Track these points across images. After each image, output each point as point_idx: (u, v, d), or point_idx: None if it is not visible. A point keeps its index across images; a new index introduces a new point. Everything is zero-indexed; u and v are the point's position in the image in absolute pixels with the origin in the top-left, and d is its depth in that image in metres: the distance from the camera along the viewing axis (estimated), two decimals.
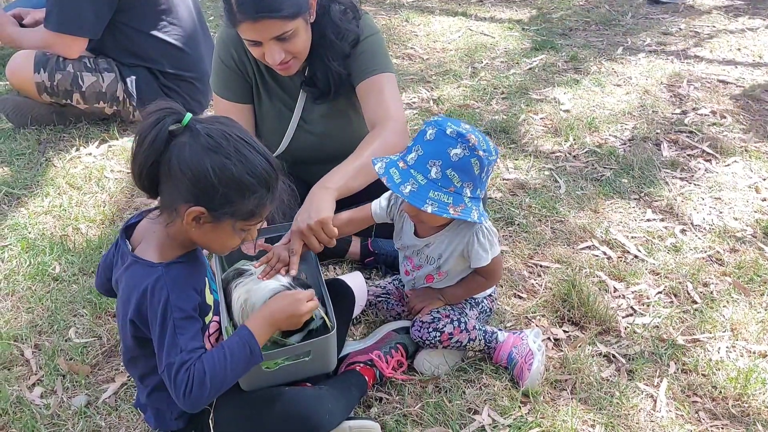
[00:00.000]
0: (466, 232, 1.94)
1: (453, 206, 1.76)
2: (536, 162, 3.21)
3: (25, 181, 2.99)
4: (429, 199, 1.76)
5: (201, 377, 1.48)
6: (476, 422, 1.89)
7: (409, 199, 1.77)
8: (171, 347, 1.49)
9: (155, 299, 1.50)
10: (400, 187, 1.78)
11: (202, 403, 1.52)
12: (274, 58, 2.11)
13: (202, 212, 1.49)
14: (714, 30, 4.90)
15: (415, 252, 2.07)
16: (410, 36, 4.77)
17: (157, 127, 1.45)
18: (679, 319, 2.29)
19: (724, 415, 1.95)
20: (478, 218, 1.79)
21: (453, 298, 2.08)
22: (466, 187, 1.78)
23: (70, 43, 3.19)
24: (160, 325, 1.49)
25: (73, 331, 2.20)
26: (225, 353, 1.52)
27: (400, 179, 1.80)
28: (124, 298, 1.57)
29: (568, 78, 4.09)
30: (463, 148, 1.75)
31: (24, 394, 1.97)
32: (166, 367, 1.49)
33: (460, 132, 1.76)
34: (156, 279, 1.51)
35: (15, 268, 2.47)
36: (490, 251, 1.95)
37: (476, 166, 1.76)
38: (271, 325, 1.64)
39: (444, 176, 1.76)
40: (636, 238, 2.69)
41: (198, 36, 3.41)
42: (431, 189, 1.76)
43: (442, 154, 1.76)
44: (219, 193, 1.47)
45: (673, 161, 3.21)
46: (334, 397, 1.77)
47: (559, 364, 2.09)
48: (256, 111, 2.42)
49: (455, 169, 1.76)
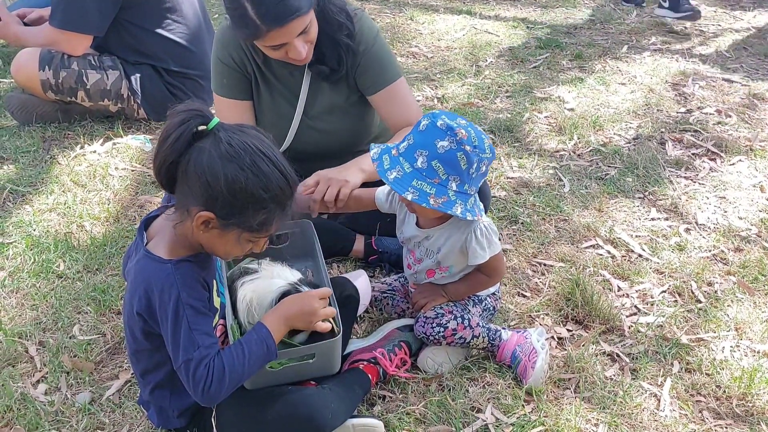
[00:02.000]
0: (465, 229, 1.95)
1: (434, 197, 1.79)
2: (540, 160, 3.21)
3: (29, 178, 3.00)
4: (411, 187, 1.79)
5: (221, 373, 1.50)
6: (480, 421, 1.89)
7: (392, 185, 1.82)
8: (187, 344, 1.50)
9: (166, 297, 1.51)
10: (387, 172, 1.83)
11: (219, 397, 1.54)
12: (300, 53, 2.12)
13: (211, 218, 1.50)
14: (719, 29, 4.88)
15: (416, 244, 2.07)
16: (415, 34, 4.77)
17: (182, 128, 1.47)
18: (683, 318, 2.28)
19: (728, 414, 1.94)
20: (461, 213, 1.80)
21: (456, 295, 2.08)
22: (452, 180, 1.80)
23: (75, 40, 3.19)
24: (172, 322, 1.51)
25: (77, 328, 2.20)
26: (243, 349, 1.55)
27: (389, 165, 1.84)
28: (132, 290, 1.58)
29: (573, 76, 4.08)
30: (450, 141, 1.77)
31: (28, 391, 1.97)
32: (183, 364, 1.51)
33: (450, 125, 1.78)
34: (166, 276, 1.52)
35: (20, 265, 2.47)
36: (488, 249, 1.95)
37: (463, 161, 1.78)
38: (287, 323, 1.66)
39: (429, 167, 1.79)
40: (640, 237, 2.68)
41: (202, 34, 3.41)
42: (415, 178, 1.80)
43: (430, 146, 1.79)
44: (228, 203, 1.49)
45: (677, 160, 3.21)
46: (337, 396, 1.77)
47: (562, 363, 2.09)
48: (256, 107, 2.43)
49: (441, 161, 1.78)
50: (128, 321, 1.64)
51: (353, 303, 2.05)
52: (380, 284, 2.29)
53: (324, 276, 1.96)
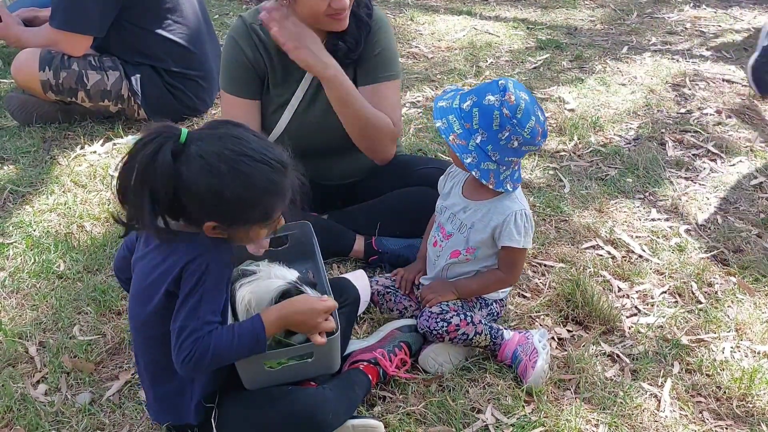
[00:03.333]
0: (507, 210, 1.99)
1: (455, 135, 1.90)
2: (540, 161, 3.21)
3: (30, 178, 3.00)
4: (445, 118, 1.94)
5: (204, 351, 1.53)
6: (480, 421, 1.89)
7: (435, 110, 1.96)
8: (192, 311, 1.53)
9: (195, 264, 1.54)
10: (440, 101, 1.98)
11: (196, 373, 1.59)
12: (344, 3, 2.17)
13: (214, 226, 1.55)
14: (720, 29, 4.88)
15: (452, 216, 2.10)
16: (415, 35, 4.77)
17: (160, 155, 1.47)
18: (684, 319, 2.28)
19: (728, 415, 1.94)
20: (469, 164, 1.89)
21: (466, 292, 2.09)
22: (479, 133, 1.89)
23: (75, 40, 3.19)
24: (191, 287, 1.54)
25: (77, 328, 2.20)
26: (234, 336, 1.57)
27: (447, 98, 1.98)
28: (167, 265, 1.58)
29: (573, 77, 4.08)
30: (497, 98, 1.87)
31: (28, 392, 1.97)
32: (178, 328, 1.54)
33: (506, 86, 1.88)
34: (204, 247, 1.55)
35: (20, 265, 2.47)
36: (522, 238, 1.99)
37: (496, 120, 1.87)
38: (285, 323, 1.66)
39: (470, 112, 1.91)
40: (640, 237, 2.68)
41: (202, 35, 3.41)
42: (453, 113, 1.93)
43: (481, 94, 1.90)
44: (222, 211, 1.53)
45: (678, 161, 3.20)
46: (337, 396, 1.77)
47: (563, 364, 2.09)
48: (263, 102, 2.43)
49: (480, 110, 1.89)
50: (144, 308, 1.63)
51: (353, 303, 2.05)
52: (383, 280, 2.30)
53: (323, 278, 1.96)
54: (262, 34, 2.33)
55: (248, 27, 2.34)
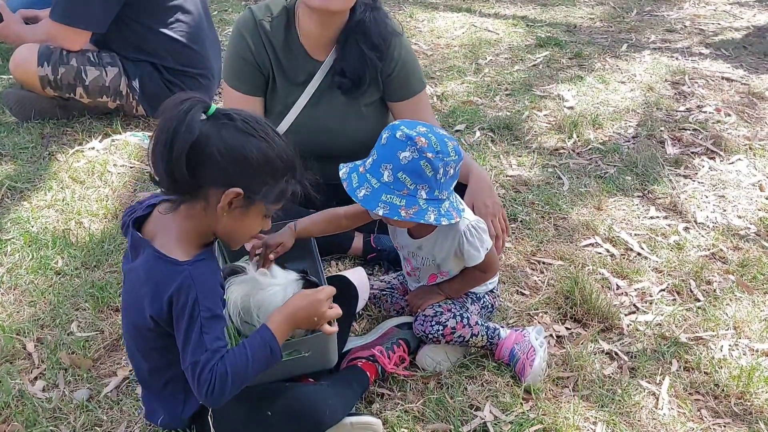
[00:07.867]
0: (454, 233, 1.94)
1: (405, 209, 1.78)
2: (539, 159, 3.21)
3: (28, 174, 2.99)
4: (381, 201, 1.78)
5: (223, 378, 1.51)
6: (478, 419, 1.89)
7: (362, 203, 1.82)
8: (197, 345, 1.51)
9: (183, 298, 1.51)
10: (356, 191, 1.82)
11: (223, 400, 1.55)
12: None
13: (239, 194, 1.52)
14: (719, 27, 4.88)
15: (411, 254, 2.08)
16: (414, 32, 4.76)
17: (190, 115, 1.47)
18: (682, 316, 2.28)
19: (727, 413, 1.94)
20: (434, 220, 1.79)
21: (452, 292, 2.08)
22: (420, 189, 1.79)
23: (74, 35, 3.18)
24: (187, 322, 1.51)
25: (75, 324, 2.20)
26: (247, 354, 1.54)
27: (357, 183, 1.83)
28: (141, 292, 1.56)
29: (572, 75, 4.08)
30: (411, 150, 1.76)
31: (26, 388, 1.97)
32: (190, 365, 1.51)
33: (409, 135, 1.77)
34: (183, 279, 1.51)
35: (18, 261, 2.47)
36: (481, 248, 1.95)
37: (427, 168, 1.77)
38: (293, 324, 1.65)
39: (396, 179, 1.78)
40: (639, 235, 2.68)
41: (204, 32, 3.40)
42: (384, 192, 1.79)
43: (393, 158, 1.78)
44: (254, 176, 1.52)
45: (676, 159, 3.20)
46: (335, 393, 1.77)
47: (561, 362, 2.09)
48: (267, 100, 2.42)
49: (405, 171, 1.77)
50: (135, 320, 1.63)
51: (352, 300, 2.05)
52: (379, 282, 2.29)
53: (321, 276, 1.96)
54: (270, 30, 2.32)
55: (257, 22, 2.32)
